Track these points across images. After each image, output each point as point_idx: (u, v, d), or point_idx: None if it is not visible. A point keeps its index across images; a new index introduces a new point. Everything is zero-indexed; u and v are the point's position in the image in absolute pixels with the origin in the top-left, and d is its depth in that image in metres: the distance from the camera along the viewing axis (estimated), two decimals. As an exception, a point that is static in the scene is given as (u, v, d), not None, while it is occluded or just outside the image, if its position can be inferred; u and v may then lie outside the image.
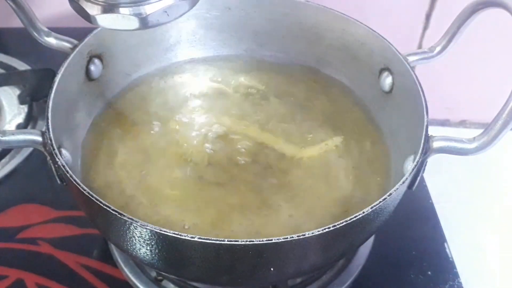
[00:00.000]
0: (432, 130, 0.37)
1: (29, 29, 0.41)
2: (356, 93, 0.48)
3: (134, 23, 0.30)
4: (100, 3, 0.30)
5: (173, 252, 0.32)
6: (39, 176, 0.53)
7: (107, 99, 0.47)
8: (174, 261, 0.34)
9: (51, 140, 0.35)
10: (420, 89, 0.39)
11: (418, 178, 0.37)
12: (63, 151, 0.38)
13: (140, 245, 0.33)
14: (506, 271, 0.53)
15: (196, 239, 0.30)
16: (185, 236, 0.30)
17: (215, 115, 0.47)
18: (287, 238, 0.30)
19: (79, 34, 0.43)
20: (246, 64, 0.51)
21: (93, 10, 0.30)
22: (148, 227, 0.30)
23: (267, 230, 0.38)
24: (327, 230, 0.31)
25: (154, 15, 0.30)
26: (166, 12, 0.30)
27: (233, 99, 0.48)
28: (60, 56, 0.41)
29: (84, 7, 0.30)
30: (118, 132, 0.45)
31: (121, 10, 0.29)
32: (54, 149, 0.35)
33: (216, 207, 0.40)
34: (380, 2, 0.63)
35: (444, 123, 0.71)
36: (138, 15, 0.30)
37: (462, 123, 0.72)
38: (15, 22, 0.42)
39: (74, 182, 0.33)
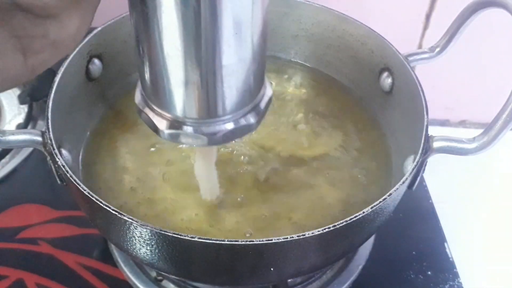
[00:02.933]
0: (432, 130, 0.37)
1: (29, 29, 0.41)
2: (356, 93, 0.48)
3: (202, 141, 0.30)
4: (169, 118, 0.29)
5: (173, 252, 0.32)
6: (39, 176, 0.53)
7: (107, 99, 0.47)
8: (174, 261, 0.34)
9: (51, 140, 0.35)
10: (420, 89, 0.39)
11: (418, 178, 0.37)
12: (63, 151, 0.38)
13: (140, 245, 0.33)
14: (506, 271, 0.53)
15: (196, 239, 0.30)
16: (185, 236, 0.30)
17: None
18: (287, 238, 0.30)
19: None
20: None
21: (161, 124, 0.30)
22: (148, 227, 0.30)
23: (266, 230, 0.38)
24: (327, 230, 0.31)
25: (222, 135, 0.30)
26: (233, 132, 0.30)
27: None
28: (60, 56, 0.41)
29: (153, 119, 0.30)
30: (118, 132, 0.45)
31: (190, 128, 0.29)
32: (54, 149, 0.35)
33: (216, 208, 0.39)
34: (380, 2, 0.63)
35: (444, 123, 0.71)
36: (207, 135, 0.29)
37: (462, 123, 0.72)
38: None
39: (74, 182, 0.33)
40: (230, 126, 0.30)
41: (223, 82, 0.27)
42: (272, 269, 0.33)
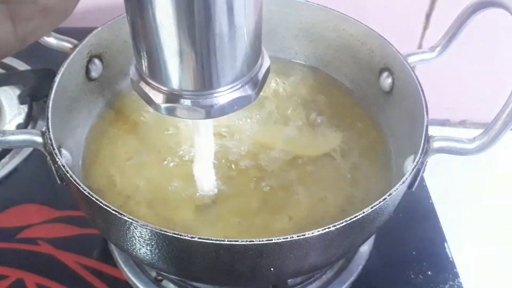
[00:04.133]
0: (432, 130, 0.37)
1: (29, 29, 0.41)
2: (356, 93, 0.48)
3: (200, 114, 0.29)
4: (165, 91, 0.29)
5: (173, 252, 0.32)
6: (39, 176, 0.53)
7: (107, 99, 0.47)
8: (174, 261, 0.34)
9: (51, 140, 0.35)
10: (420, 89, 0.39)
11: (418, 178, 0.37)
12: (63, 151, 0.38)
13: (140, 245, 0.33)
14: (506, 271, 0.53)
15: (196, 239, 0.30)
16: (185, 236, 0.30)
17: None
18: (287, 238, 0.30)
19: (79, 34, 0.43)
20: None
21: (158, 98, 0.29)
22: (148, 227, 0.30)
23: (266, 230, 0.38)
24: (327, 230, 0.31)
25: (220, 107, 0.29)
26: (231, 104, 0.29)
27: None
28: (60, 56, 0.41)
29: (149, 93, 0.30)
30: (118, 132, 0.45)
31: (187, 101, 0.29)
32: (54, 149, 0.35)
33: (216, 208, 0.39)
34: (380, 2, 0.63)
35: (444, 123, 0.71)
36: (204, 107, 0.29)
37: (462, 123, 0.72)
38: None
39: (74, 182, 0.33)
40: (227, 98, 0.29)
41: (218, 51, 0.27)
42: (272, 269, 0.33)
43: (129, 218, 0.31)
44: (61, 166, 0.34)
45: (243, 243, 0.30)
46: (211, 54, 0.27)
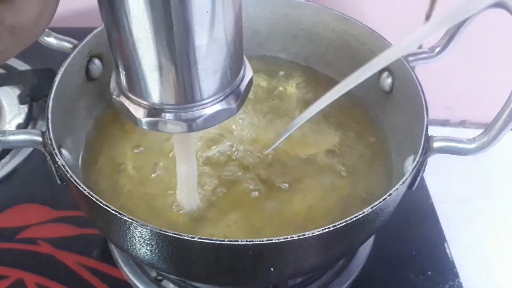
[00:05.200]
0: (432, 130, 0.37)
1: (29, 29, 0.41)
2: (356, 93, 0.48)
3: (182, 128, 0.29)
4: (145, 106, 0.28)
5: (173, 252, 0.32)
6: (39, 176, 0.53)
7: (107, 99, 0.47)
8: (174, 261, 0.34)
9: (51, 140, 0.35)
10: (420, 89, 0.39)
11: (418, 178, 0.37)
12: (63, 151, 0.38)
13: (140, 245, 0.33)
14: (506, 271, 0.53)
15: (196, 239, 0.30)
16: (185, 236, 0.30)
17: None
18: (287, 238, 0.30)
19: (79, 34, 0.43)
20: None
21: (138, 112, 0.29)
22: (148, 227, 0.30)
23: (266, 230, 0.38)
24: (327, 230, 0.31)
25: (202, 120, 0.29)
26: (213, 117, 0.29)
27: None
28: (60, 56, 0.41)
29: (129, 107, 0.29)
30: (118, 132, 0.45)
31: (168, 115, 0.28)
32: (54, 149, 0.35)
33: (215, 207, 0.39)
34: (380, 2, 0.63)
35: (444, 123, 0.71)
36: (185, 121, 0.28)
37: (462, 123, 0.72)
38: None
39: (74, 182, 0.33)
40: (209, 110, 0.29)
41: (198, 64, 0.26)
42: (272, 269, 0.33)
43: (129, 218, 0.31)
44: (61, 166, 0.34)
45: (243, 243, 0.30)
46: (191, 67, 0.26)
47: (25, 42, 0.24)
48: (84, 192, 0.32)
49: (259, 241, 0.30)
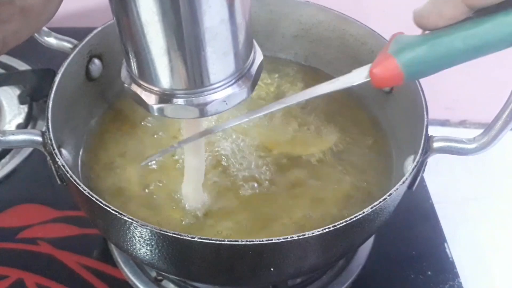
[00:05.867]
0: (432, 130, 0.37)
1: (29, 29, 0.41)
2: (357, 93, 0.48)
3: (194, 113, 0.29)
4: (157, 92, 0.28)
5: (173, 252, 0.32)
6: (39, 176, 0.53)
7: (107, 99, 0.47)
8: (174, 261, 0.34)
9: (51, 140, 0.35)
10: (420, 89, 0.39)
11: (418, 178, 0.37)
12: (63, 151, 0.38)
13: (140, 245, 0.33)
14: (506, 271, 0.53)
15: (196, 239, 0.30)
16: (185, 236, 0.30)
17: (216, 116, 0.47)
18: (287, 238, 0.30)
19: (79, 34, 0.43)
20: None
21: (150, 99, 0.29)
22: (148, 227, 0.30)
23: (266, 230, 0.38)
24: (327, 230, 0.31)
25: (213, 105, 0.28)
26: (225, 101, 0.29)
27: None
28: (60, 56, 0.41)
29: (140, 95, 0.29)
30: (118, 132, 0.45)
31: (180, 100, 0.28)
32: (54, 149, 0.35)
33: (215, 206, 0.39)
34: (380, 2, 0.63)
35: (444, 123, 0.71)
36: (197, 106, 0.28)
37: (462, 123, 0.72)
38: (15, 22, 0.42)
39: (74, 182, 0.33)
40: (221, 94, 0.28)
41: (208, 47, 0.26)
42: (272, 269, 0.33)
43: (129, 218, 0.31)
44: (61, 166, 0.34)
45: (243, 243, 0.30)
46: (201, 50, 0.26)
47: (36, 25, 0.25)
48: (84, 192, 0.32)
49: (259, 241, 0.30)
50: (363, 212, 0.32)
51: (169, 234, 0.30)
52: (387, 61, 0.29)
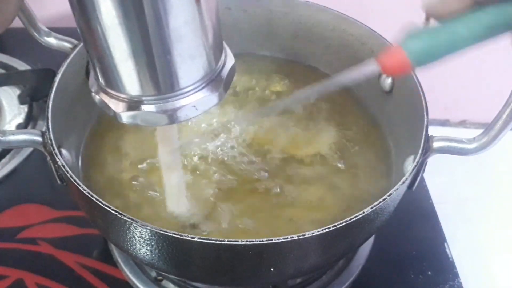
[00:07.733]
0: (432, 130, 0.37)
1: (29, 29, 0.41)
2: (356, 93, 0.48)
3: (163, 120, 0.28)
4: (125, 100, 0.27)
5: (173, 252, 0.32)
6: (39, 176, 0.53)
7: (107, 99, 0.47)
8: (174, 261, 0.34)
9: (51, 140, 0.35)
10: (420, 89, 0.39)
11: (418, 178, 0.37)
12: (63, 151, 0.38)
13: (140, 245, 0.33)
14: (506, 271, 0.53)
15: (196, 239, 0.30)
16: (185, 236, 0.30)
17: (216, 115, 0.47)
18: (287, 238, 0.30)
19: (79, 34, 0.43)
20: (246, 64, 0.51)
21: (118, 107, 0.28)
22: (148, 227, 0.30)
23: (266, 230, 0.38)
24: (327, 230, 0.31)
25: (183, 110, 0.27)
26: (195, 106, 0.28)
27: (233, 99, 0.48)
28: (60, 56, 0.41)
29: (108, 103, 0.28)
30: (118, 132, 0.45)
31: (148, 107, 0.27)
32: (54, 149, 0.35)
33: (216, 206, 0.39)
34: (380, 2, 0.63)
35: (444, 123, 0.71)
36: (166, 112, 0.27)
37: (462, 123, 0.72)
38: (15, 22, 0.41)
39: (74, 182, 0.33)
40: (190, 100, 0.27)
41: (173, 49, 0.25)
42: (272, 269, 0.33)
43: (129, 218, 0.31)
44: (61, 166, 0.34)
45: (243, 243, 0.30)
46: (167, 52, 0.25)
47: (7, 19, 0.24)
48: (84, 192, 0.32)
49: (259, 241, 0.30)
50: (363, 212, 0.32)
51: (169, 234, 0.30)
52: (394, 49, 0.31)
